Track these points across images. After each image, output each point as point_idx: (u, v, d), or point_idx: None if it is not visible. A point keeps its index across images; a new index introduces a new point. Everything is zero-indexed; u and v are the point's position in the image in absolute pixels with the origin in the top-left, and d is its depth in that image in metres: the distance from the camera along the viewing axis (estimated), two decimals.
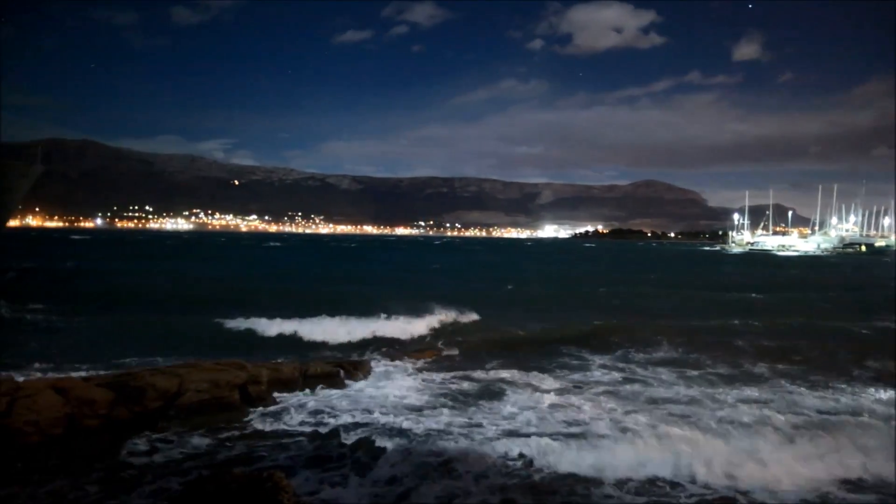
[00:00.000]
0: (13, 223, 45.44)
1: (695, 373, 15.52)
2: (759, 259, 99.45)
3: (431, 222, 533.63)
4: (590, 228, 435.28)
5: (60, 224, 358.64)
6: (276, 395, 12.55)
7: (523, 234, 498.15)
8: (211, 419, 11.06)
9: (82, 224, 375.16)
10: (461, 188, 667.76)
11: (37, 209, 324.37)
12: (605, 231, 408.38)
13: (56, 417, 9.75)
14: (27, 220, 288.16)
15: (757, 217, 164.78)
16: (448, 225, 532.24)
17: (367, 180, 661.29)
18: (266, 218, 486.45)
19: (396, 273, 53.90)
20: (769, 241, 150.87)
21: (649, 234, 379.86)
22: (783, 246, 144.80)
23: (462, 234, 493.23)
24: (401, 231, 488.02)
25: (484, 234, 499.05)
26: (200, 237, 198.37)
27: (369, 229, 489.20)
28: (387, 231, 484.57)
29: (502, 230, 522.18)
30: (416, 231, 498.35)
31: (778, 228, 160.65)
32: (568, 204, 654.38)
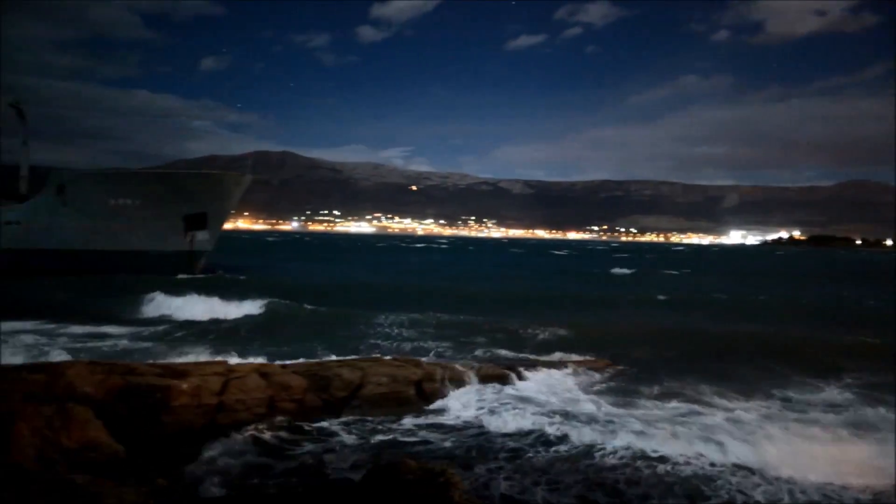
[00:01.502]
0: (227, 226, 51.95)
1: None
2: None
3: (605, 227, 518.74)
4: (783, 234, 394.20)
5: (264, 227, 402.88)
6: (449, 392, 12.97)
7: (705, 239, 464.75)
8: (389, 411, 11.74)
9: (281, 226, 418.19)
10: (636, 191, 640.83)
11: (245, 213, 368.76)
12: (802, 237, 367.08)
13: (260, 398, 10.97)
14: (238, 223, 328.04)
15: None
16: (622, 229, 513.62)
17: (538, 184, 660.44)
18: (441, 222, 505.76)
19: (577, 281, 52.86)
20: None
21: (858, 242, 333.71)
22: None
23: (637, 239, 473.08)
24: (573, 235, 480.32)
25: (661, 239, 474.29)
26: (378, 239, 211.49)
27: (541, 233, 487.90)
28: (558, 235, 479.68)
29: (681, 235, 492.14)
30: (589, 235, 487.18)
31: None
32: (757, 208, 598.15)
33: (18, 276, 35.26)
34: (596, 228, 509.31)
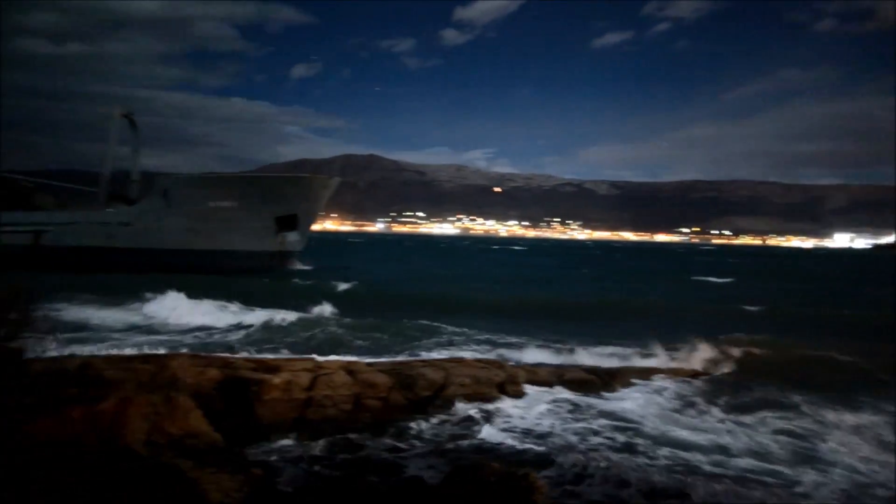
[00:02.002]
0: (316, 227, 53.95)
1: None
2: None
3: (697, 229, 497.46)
4: None
5: (351, 228, 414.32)
6: (531, 395, 12.86)
7: (807, 242, 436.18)
8: (472, 412, 11.77)
9: (367, 228, 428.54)
10: (731, 192, 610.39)
11: (333, 215, 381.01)
12: None
13: (346, 395, 11.30)
14: (326, 224, 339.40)
15: None
16: (715, 232, 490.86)
17: (625, 185, 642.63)
18: (524, 223, 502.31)
19: (661, 284, 51.01)
20: None
21: None
22: None
23: (731, 241, 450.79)
24: (661, 238, 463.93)
25: (758, 241, 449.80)
26: (460, 240, 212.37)
27: (627, 235, 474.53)
28: (646, 238, 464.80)
29: (780, 238, 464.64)
30: (679, 238, 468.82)
31: None
32: (869, 208, 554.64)
33: (129, 271, 37.98)
34: (686, 230, 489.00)
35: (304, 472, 8.90)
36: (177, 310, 22.70)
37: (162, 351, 14.62)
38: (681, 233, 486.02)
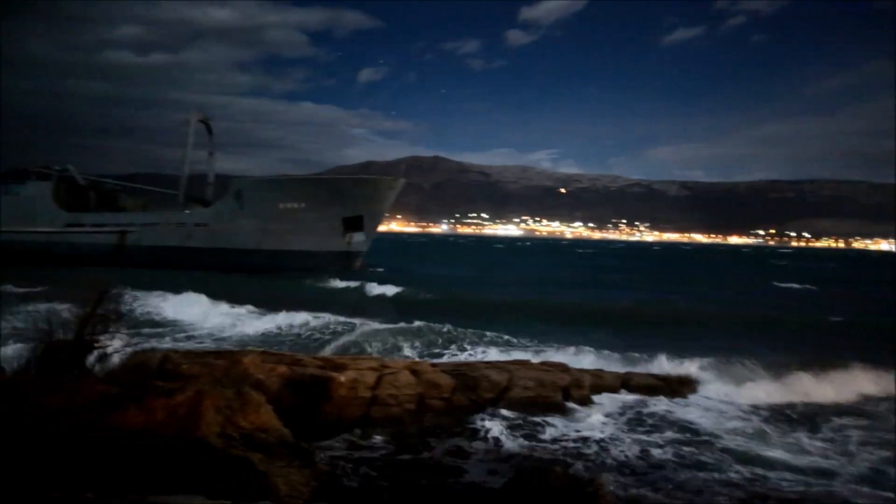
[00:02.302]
0: (381, 228, 54.85)
1: None
2: None
3: (773, 231, 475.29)
4: None
5: (415, 229, 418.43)
6: (596, 400, 12.62)
7: None
8: (535, 416, 11.66)
9: (431, 229, 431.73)
10: (811, 192, 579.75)
11: (398, 216, 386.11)
12: None
13: (410, 395, 11.41)
14: (391, 225, 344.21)
15: None
16: (793, 234, 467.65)
17: (696, 186, 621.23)
18: (590, 225, 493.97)
19: (735, 291, 48.35)
20: None
21: None
22: None
23: (811, 244, 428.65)
24: (735, 240, 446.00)
25: (841, 244, 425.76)
26: (524, 242, 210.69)
27: (699, 237, 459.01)
28: (718, 240, 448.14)
29: (866, 240, 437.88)
30: (753, 240, 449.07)
31: None
32: None
33: (206, 269, 39.64)
34: (762, 233, 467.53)
35: (368, 469, 9.05)
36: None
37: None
38: (756, 235, 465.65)
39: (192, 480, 6.27)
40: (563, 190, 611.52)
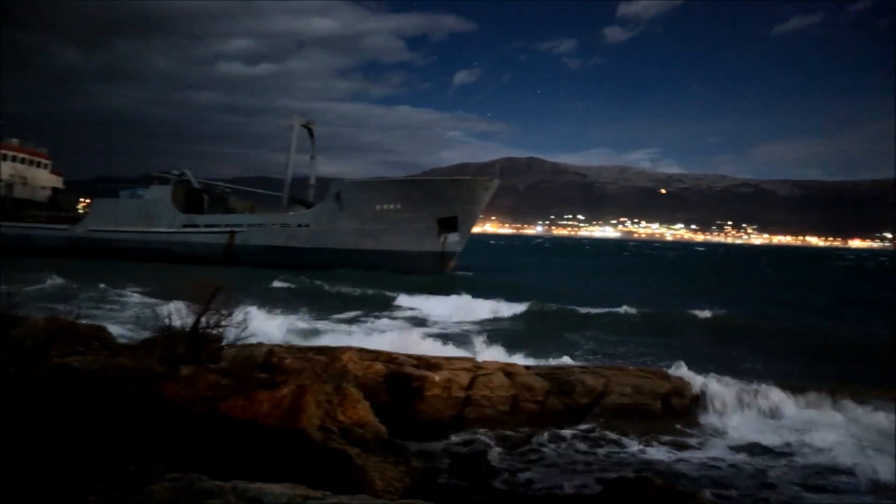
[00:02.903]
0: (475, 229, 55.13)
1: None
2: None
3: None
4: None
5: (509, 230, 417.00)
6: (700, 412, 12.03)
7: None
8: (632, 424, 11.27)
9: (525, 230, 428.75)
10: None
11: (493, 217, 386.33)
12: None
13: (504, 397, 11.36)
14: (485, 226, 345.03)
15: None
16: None
17: (810, 184, 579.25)
18: (692, 227, 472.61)
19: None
20: None
21: None
22: None
23: None
24: (857, 244, 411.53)
25: None
26: (622, 244, 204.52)
27: (813, 240, 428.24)
28: (836, 243, 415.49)
29: None
30: (879, 244, 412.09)
31: None
32: None
33: (309, 269, 41.34)
34: (890, 236, 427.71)
35: (461, 469, 9.09)
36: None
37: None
38: (883, 238, 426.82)
39: (294, 470, 6.54)
40: (663, 190, 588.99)
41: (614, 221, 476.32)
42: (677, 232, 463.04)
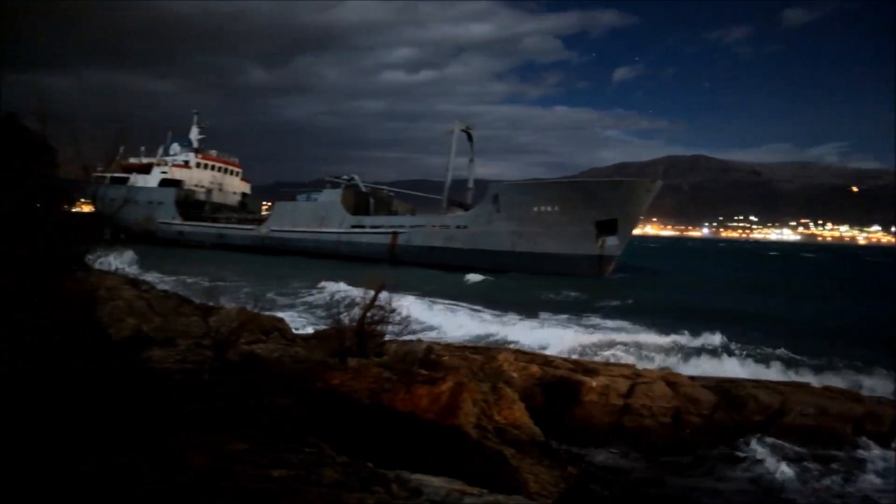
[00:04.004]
0: (635, 231, 53.01)
1: None
2: None
3: None
4: None
5: (672, 233, 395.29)
6: None
7: None
8: (813, 449, 10.15)
9: (690, 233, 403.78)
10: None
11: (654, 219, 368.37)
12: None
13: (665, 407, 10.77)
14: (646, 228, 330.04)
15: None
16: None
17: None
18: (893, 229, 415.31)
19: None
20: None
21: None
22: None
23: None
24: None
25: None
26: (803, 248, 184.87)
27: None
28: None
29: None
30: None
31: None
32: None
33: (463, 269, 42.34)
34: None
35: (617, 479, 8.78)
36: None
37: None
38: None
39: (450, 465, 6.72)
40: (854, 188, 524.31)
41: (793, 223, 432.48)
42: (873, 234, 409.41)
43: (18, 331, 6.60)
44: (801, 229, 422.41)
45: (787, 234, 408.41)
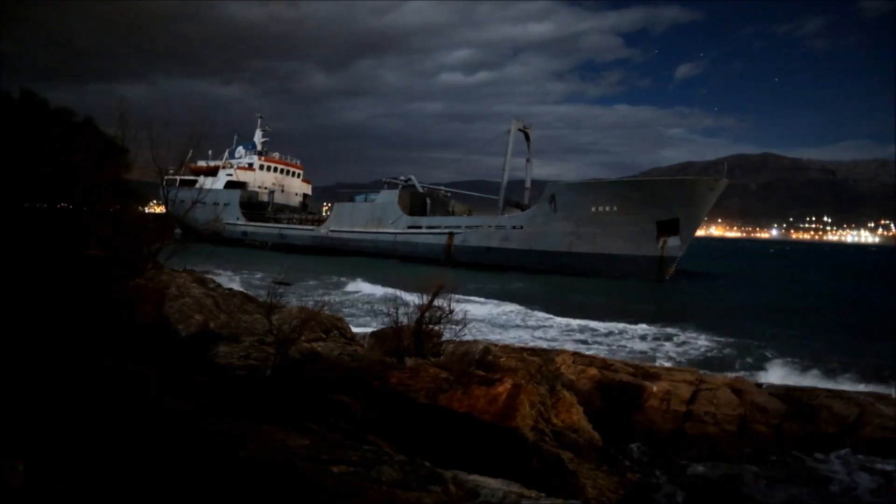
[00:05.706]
0: (699, 232, 51.38)
1: None
2: None
3: None
4: None
5: (738, 234, 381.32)
6: None
7: None
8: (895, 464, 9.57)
9: (758, 234, 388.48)
10: None
11: (719, 220, 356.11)
12: None
13: (731, 415, 10.39)
14: (710, 229, 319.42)
15: None
16: None
17: None
18: None
19: None
20: None
21: None
22: None
23: None
24: None
25: None
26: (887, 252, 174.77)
27: None
28: None
29: None
30: None
31: None
32: None
33: (523, 271, 42.02)
34: None
35: (678, 488, 8.51)
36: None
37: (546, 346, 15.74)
38: None
39: (507, 467, 6.67)
40: None
41: (872, 225, 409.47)
42: None
43: (93, 330, 6.95)
44: (882, 231, 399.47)
45: (865, 237, 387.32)
